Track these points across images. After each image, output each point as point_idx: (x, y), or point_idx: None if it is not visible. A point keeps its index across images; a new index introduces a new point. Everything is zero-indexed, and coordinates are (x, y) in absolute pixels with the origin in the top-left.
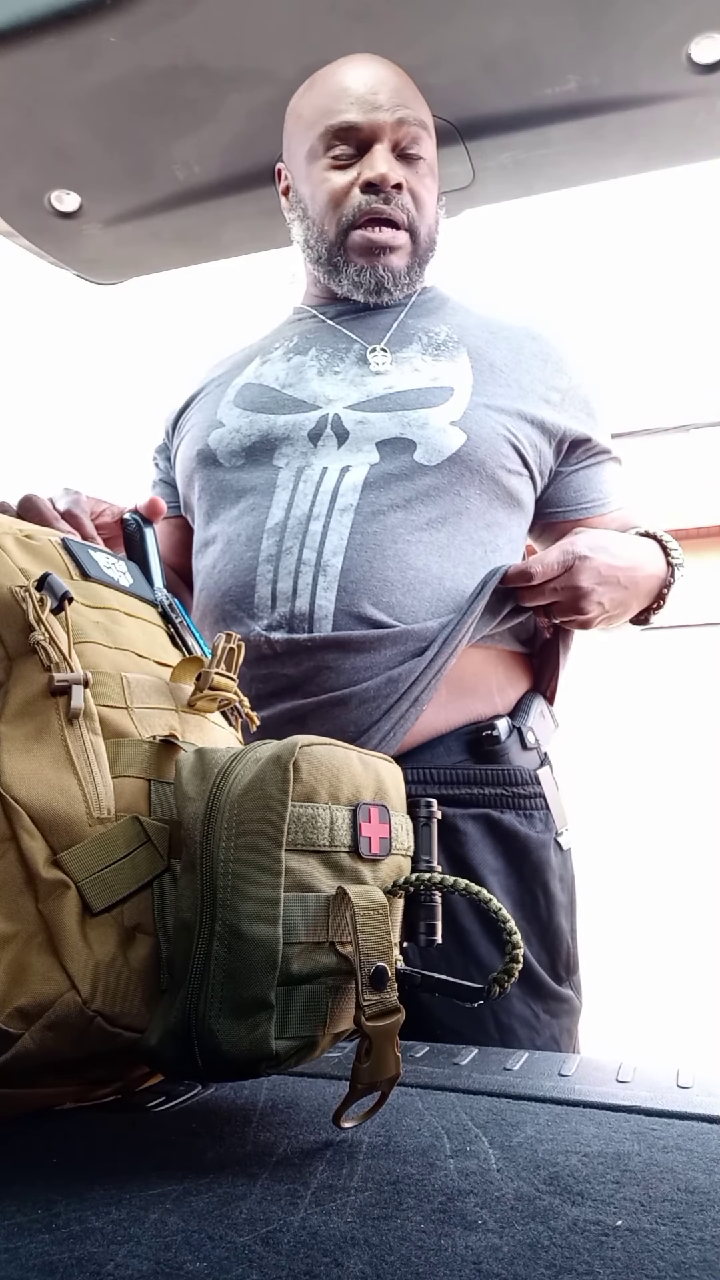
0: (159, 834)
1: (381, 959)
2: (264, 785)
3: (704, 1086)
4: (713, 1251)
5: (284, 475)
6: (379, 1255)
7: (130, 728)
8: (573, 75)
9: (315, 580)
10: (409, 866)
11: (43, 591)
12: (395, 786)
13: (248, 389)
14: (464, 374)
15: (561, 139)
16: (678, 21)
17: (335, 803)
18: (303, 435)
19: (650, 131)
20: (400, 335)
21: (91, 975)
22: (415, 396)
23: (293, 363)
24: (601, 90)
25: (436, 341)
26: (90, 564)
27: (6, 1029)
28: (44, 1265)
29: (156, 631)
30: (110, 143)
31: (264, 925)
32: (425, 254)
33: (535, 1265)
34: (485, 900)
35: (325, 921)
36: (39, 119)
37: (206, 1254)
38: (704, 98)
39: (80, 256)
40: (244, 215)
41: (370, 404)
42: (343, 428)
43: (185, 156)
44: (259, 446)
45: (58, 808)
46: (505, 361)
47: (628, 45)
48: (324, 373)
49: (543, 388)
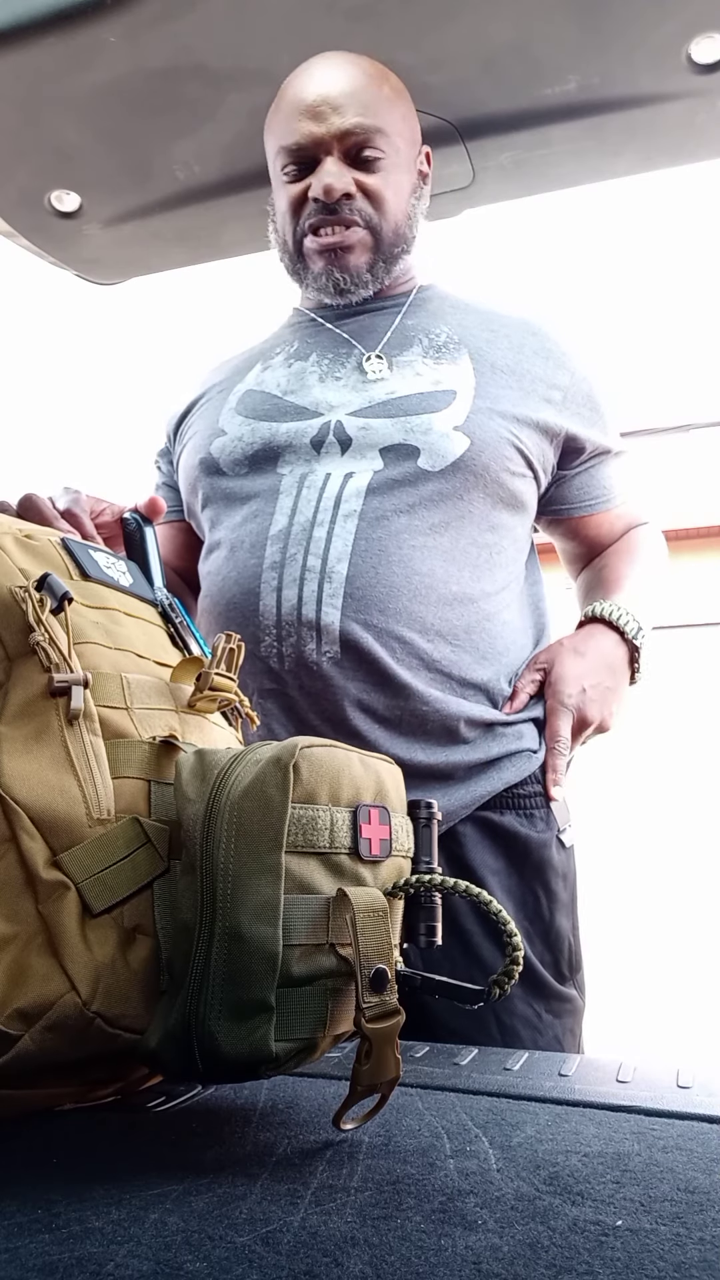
0: (159, 835)
1: (381, 961)
2: (264, 787)
3: (704, 1086)
4: (713, 1251)
5: (287, 481)
6: (379, 1255)
7: (130, 728)
8: (573, 75)
9: (320, 588)
10: (409, 868)
11: (42, 592)
12: (396, 788)
13: (250, 396)
14: (466, 376)
15: (561, 139)
16: (678, 21)
17: (335, 804)
18: (305, 443)
19: (650, 131)
20: (400, 337)
21: (91, 976)
22: (418, 401)
23: (294, 369)
24: (601, 90)
25: (438, 343)
26: (90, 564)
27: (6, 1030)
28: (44, 1265)
29: (156, 631)
30: (110, 143)
31: (264, 927)
32: (392, 249)
33: (535, 1265)
34: (485, 902)
35: (325, 923)
36: (39, 119)
37: (206, 1254)
38: (704, 98)
39: (80, 256)
40: (244, 215)
41: (373, 410)
42: (345, 434)
43: (185, 156)
44: (262, 454)
45: (57, 809)
46: (506, 361)
47: (628, 45)
48: (325, 379)
49: (544, 386)
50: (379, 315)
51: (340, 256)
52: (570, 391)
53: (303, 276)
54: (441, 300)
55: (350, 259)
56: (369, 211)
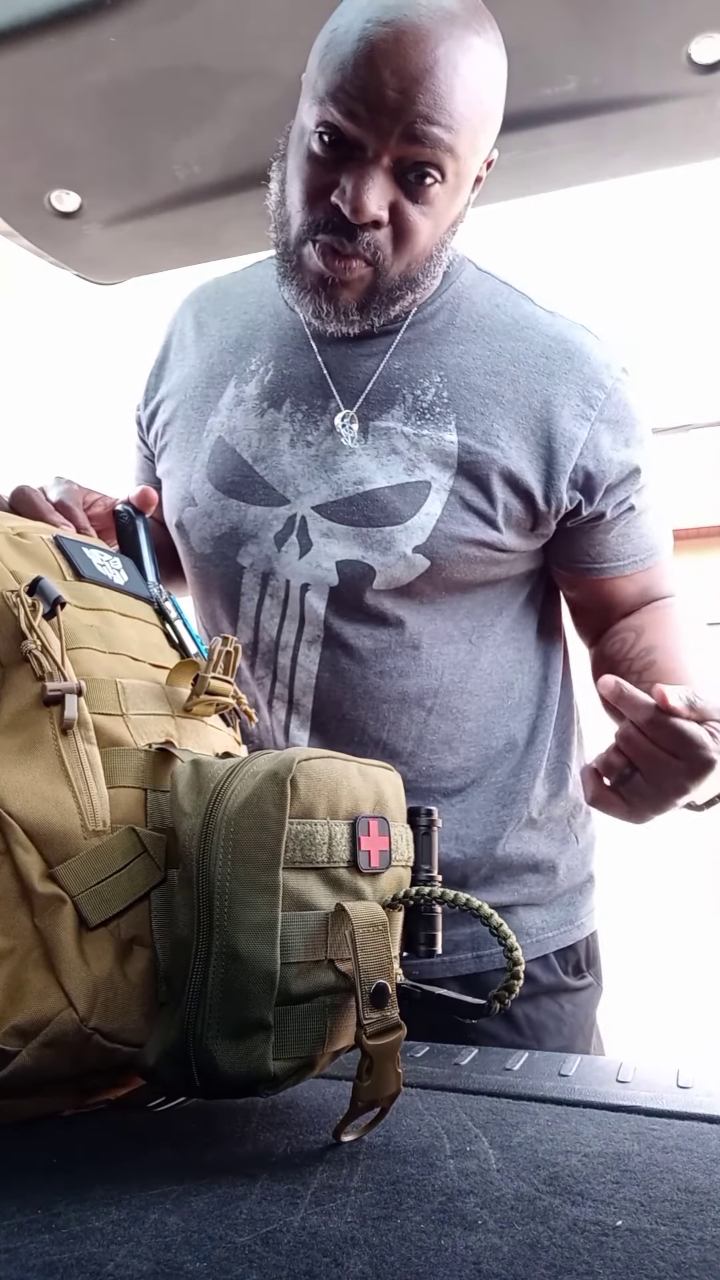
0: (155, 845)
1: (382, 976)
2: (261, 802)
3: (704, 1086)
4: (713, 1251)
5: (248, 581)
6: (379, 1255)
7: (126, 735)
8: (573, 75)
9: (288, 718)
10: (409, 878)
11: (34, 596)
12: (395, 796)
13: (220, 451)
14: (447, 460)
15: (561, 139)
16: (678, 21)
17: (334, 817)
18: (269, 537)
19: (650, 131)
20: (382, 390)
21: (89, 992)
22: (384, 502)
23: (266, 420)
24: (601, 90)
25: (422, 405)
26: (84, 563)
27: (3, 1047)
28: (44, 1265)
29: (152, 631)
30: (110, 143)
31: (261, 947)
32: (393, 293)
33: (535, 1265)
34: (486, 916)
35: (324, 939)
36: (39, 119)
37: (206, 1254)
38: (704, 98)
39: (80, 256)
40: (244, 215)
41: (337, 507)
42: (307, 537)
43: (185, 156)
44: (228, 538)
45: (52, 821)
46: (503, 423)
47: (628, 45)
48: (295, 443)
49: (542, 463)
50: (367, 349)
51: (334, 287)
52: (577, 469)
53: (289, 275)
54: (446, 325)
55: (342, 295)
56: (385, 249)
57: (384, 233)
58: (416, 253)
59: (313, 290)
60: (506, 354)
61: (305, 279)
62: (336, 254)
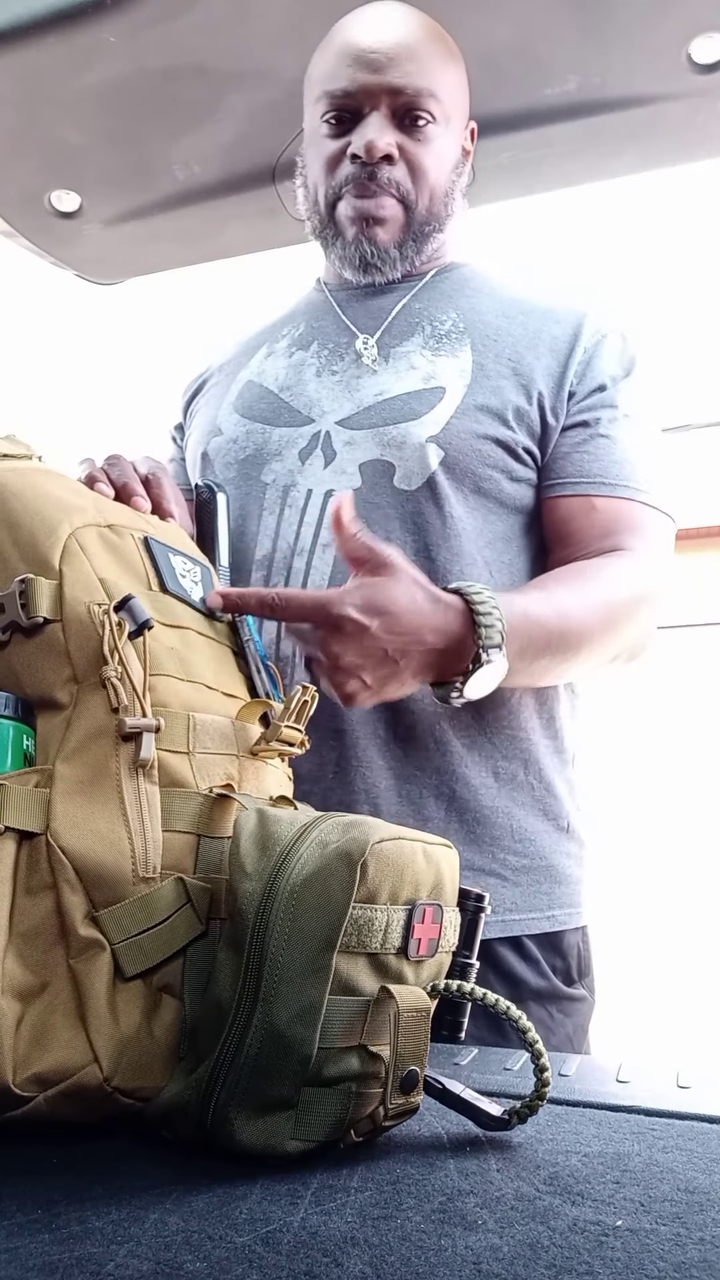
0: (200, 896)
1: (415, 1063)
2: (327, 882)
3: (704, 1086)
4: (713, 1251)
5: (270, 496)
6: (379, 1255)
7: (189, 776)
8: (573, 75)
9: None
10: (449, 961)
11: (121, 614)
12: (452, 880)
13: (249, 389)
14: (462, 370)
15: (561, 139)
16: (678, 21)
17: (394, 903)
18: (294, 453)
19: (650, 131)
20: (403, 323)
21: (115, 1051)
22: (401, 405)
23: (294, 359)
24: (601, 90)
25: (440, 331)
26: (168, 573)
27: (21, 1093)
28: (44, 1265)
29: (225, 654)
30: (110, 143)
31: (303, 1030)
32: (424, 228)
33: (535, 1265)
34: (524, 1030)
35: (361, 1025)
36: (39, 119)
37: (206, 1254)
38: (704, 98)
39: (80, 256)
40: (244, 215)
41: (359, 417)
42: (331, 448)
43: (185, 156)
44: (252, 459)
45: (105, 862)
46: (513, 350)
47: (628, 45)
48: (321, 373)
49: (550, 378)
50: (388, 296)
51: (371, 227)
52: (581, 373)
53: (330, 243)
54: (462, 282)
55: (380, 233)
56: (405, 183)
57: (400, 170)
58: (433, 185)
59: (354, 241)
60: (517, 305)
61: (346, 231)
62: (366, 191)
